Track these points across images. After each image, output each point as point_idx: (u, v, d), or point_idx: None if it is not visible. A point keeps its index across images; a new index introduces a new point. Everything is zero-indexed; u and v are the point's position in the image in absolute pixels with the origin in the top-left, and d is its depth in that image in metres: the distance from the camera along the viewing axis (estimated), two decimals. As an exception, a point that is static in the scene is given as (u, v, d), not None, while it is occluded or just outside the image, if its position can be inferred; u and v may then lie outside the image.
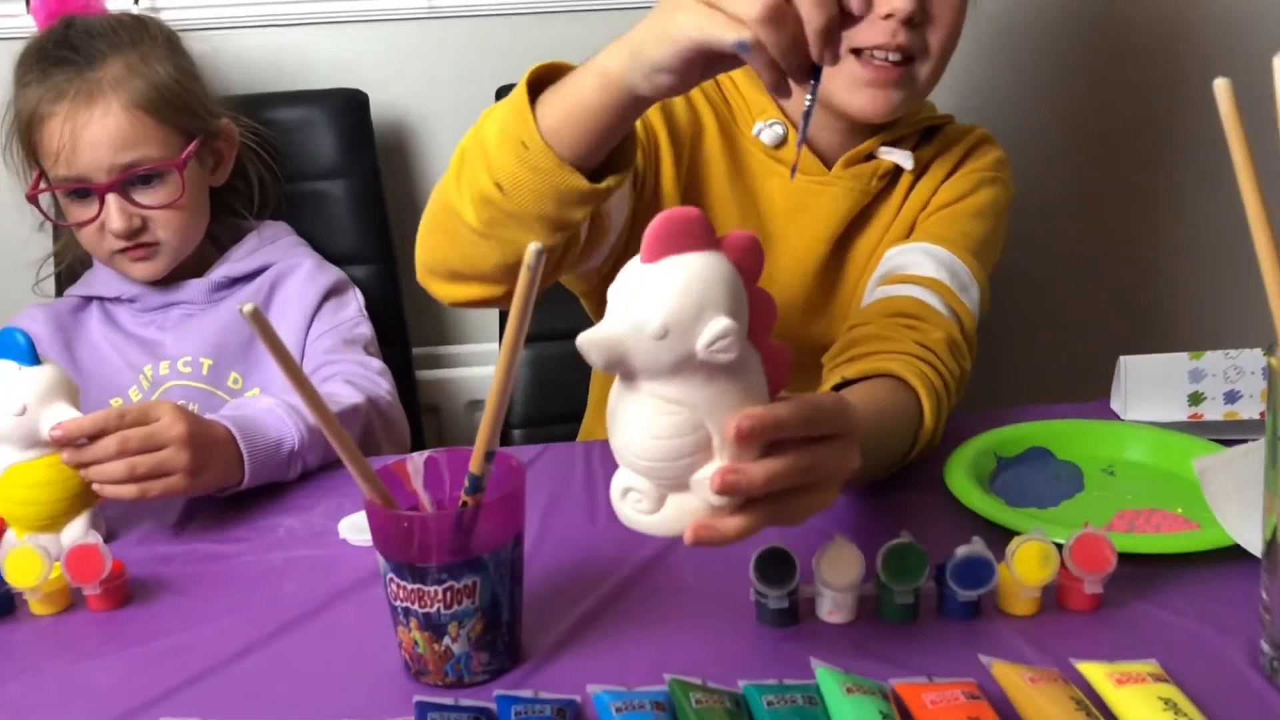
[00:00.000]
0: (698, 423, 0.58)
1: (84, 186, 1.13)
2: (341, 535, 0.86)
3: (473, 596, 0.65)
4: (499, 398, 0.61)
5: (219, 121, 1.22)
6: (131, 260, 1.17)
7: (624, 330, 0.56)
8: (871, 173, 1.05)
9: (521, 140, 0.75)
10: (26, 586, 0.76)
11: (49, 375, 0.83)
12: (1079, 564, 0.71)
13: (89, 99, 1.12)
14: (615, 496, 0.61)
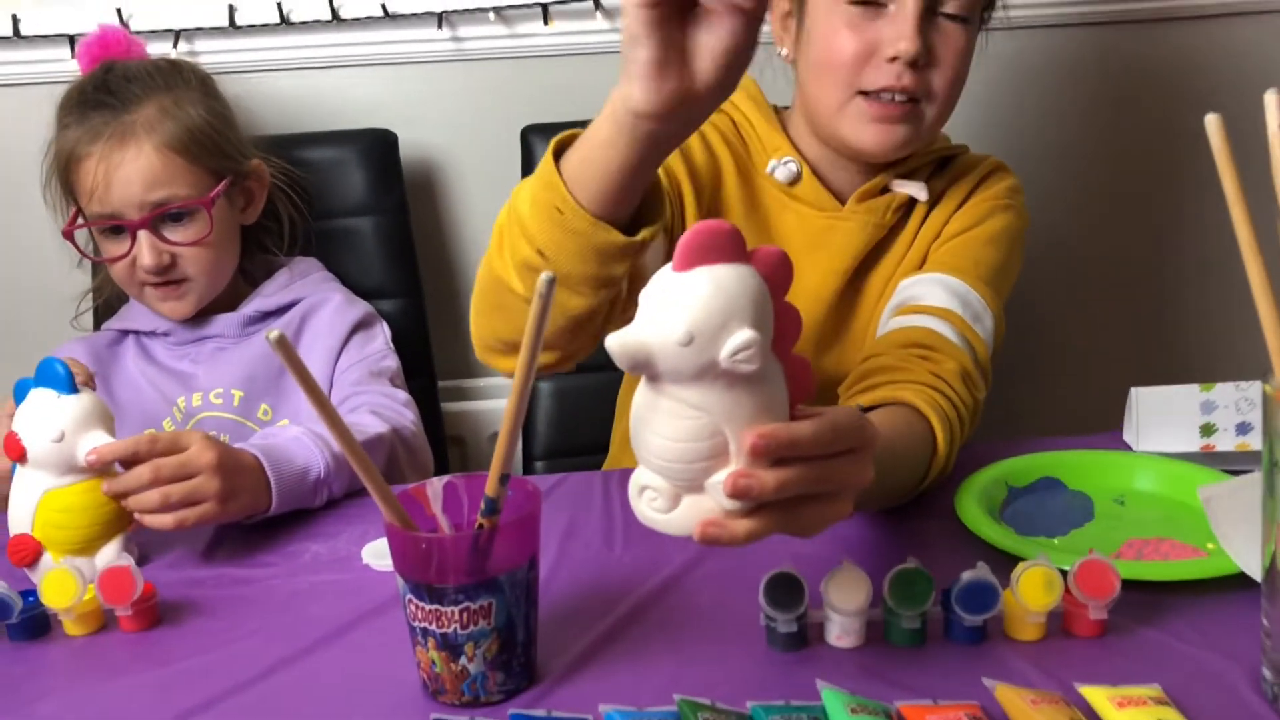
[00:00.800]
0: (716, 429, 0.59)
1: (117, 223, 1.18)
2: (365, 561, 0.89)
3: (488, 617, 0.67)
4: (513, 422, 0.64)
5: (249, 162, 1.26)
6: (161, 298, 1.21)
7: (650, 335, 0.57)
8: (885, 206, 1.08)
9: (555, 206, 0.78)
10: (61, 607, 0.79)
11: (86, 403, 0.86)
12: (1083, 590, 0.72)
13: (122, 140, 1.16)
14: (632, 494, 0.63)
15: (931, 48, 1.00)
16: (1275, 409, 0.62)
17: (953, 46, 1.01)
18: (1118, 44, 1.53)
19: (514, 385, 0.62)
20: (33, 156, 1.42)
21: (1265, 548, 0.65)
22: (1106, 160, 1.57)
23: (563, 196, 0.77)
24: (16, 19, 1.44)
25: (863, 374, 0.96)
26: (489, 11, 1.45)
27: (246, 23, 1.45)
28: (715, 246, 0.58)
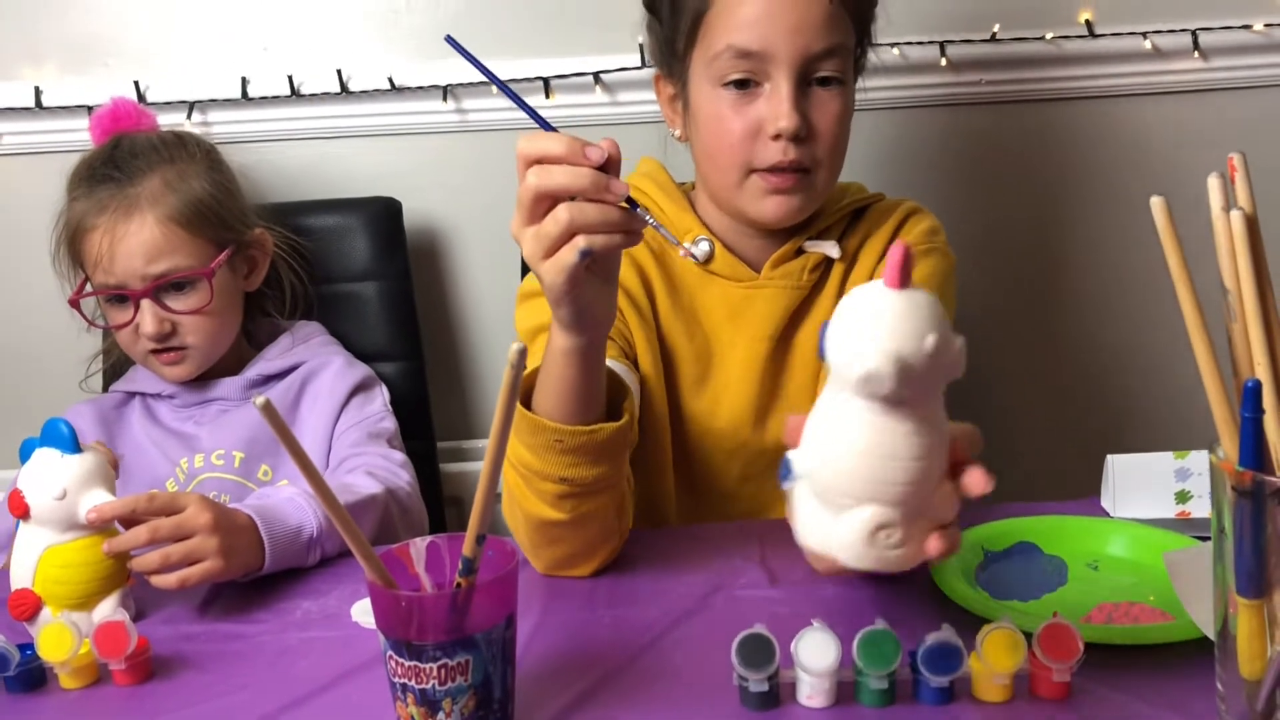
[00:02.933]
0: (944, 444, 0.61)
1: (121, 292, 1.22)
2: (354, 618, 0.91)
3: (466, 674, 0.69)
4: (488, 485, 0.66)
5: (252, 231, 1.30)
6: (163, 363, 1.25)
7: (904, 348, 0.57)
8: (801, 268, 1.11)
9: (553, 442, 0.86)
10: (58, 661, 0.81)
11: (88, 462, 0.89)
12: (1047, 652, 0.73)
13: (127, 213, 1.20)
14: (859, 539, 0.61)
15: (810, 118, 1.04)
16: (1221, 478, 0.64)
17: (830, 112, 1.05)
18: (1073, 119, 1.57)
19: (488, 450, 0.65)
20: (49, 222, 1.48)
21: (1217, 611, 0.67)
22: (1083, 231, 1.61)
23: (555, 430, 0.86)
24: (39, 90, 1.50)
25: None
26: (492, 85, 1.50)
27: (259, 94, 1.50)
28: (912, 265, 0.60)
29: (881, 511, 0.61)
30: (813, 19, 1.03)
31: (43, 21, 1.50)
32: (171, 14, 1.51)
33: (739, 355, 1.12)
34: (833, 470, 0.61)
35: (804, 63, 1.03)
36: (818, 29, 1.03)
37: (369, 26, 1.51)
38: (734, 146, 1.05)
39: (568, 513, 0.90)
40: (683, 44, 1.08)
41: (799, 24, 1.02)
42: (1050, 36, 1.52)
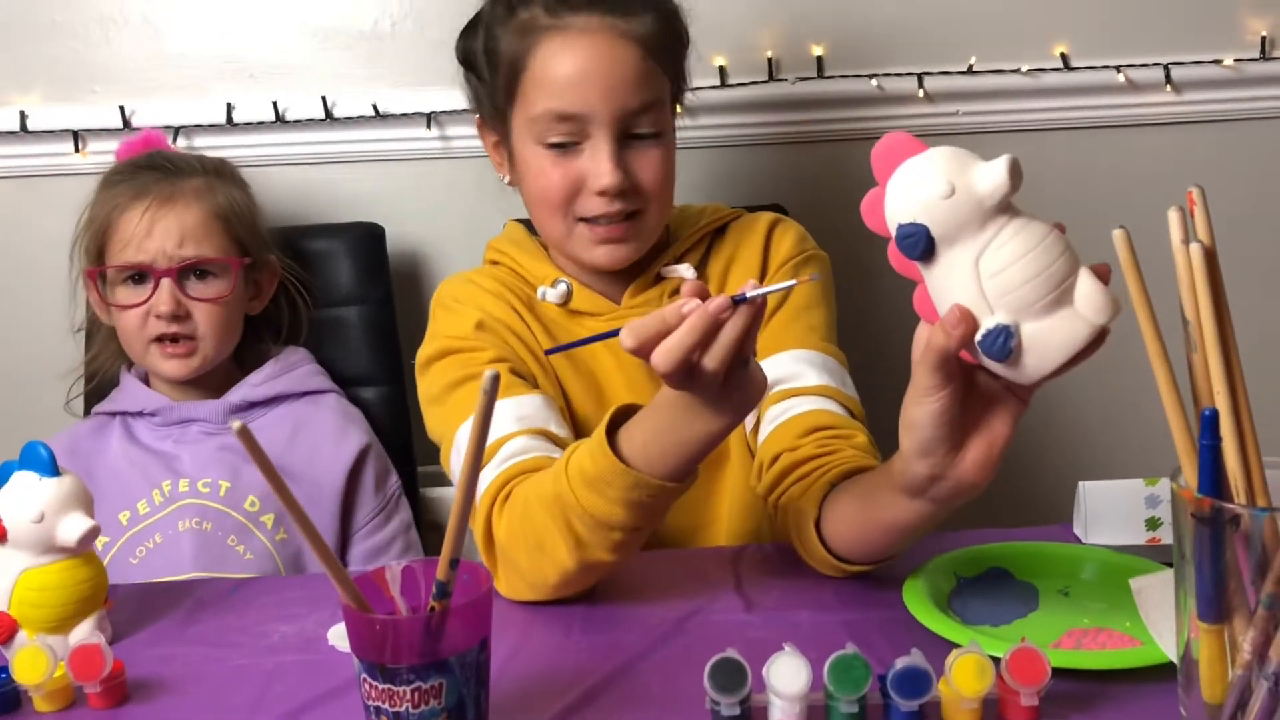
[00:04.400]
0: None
1: (144, 269, 1.25)
2: (330, 642, 0.91)
3: (439, 697, 0.70)
4: (461, 508, 0.67)
5: (268, 255, 1.34)
6: (165, 354, 1.26)
7: (983, 171, 0.71)
8: (660, 294, 1.13)
9: (648, 498, 0.87)
10: (32, 684, 0.81)
11: (66, 486, 0.90)
12: (1015, 677, 0.74)
13: (170, 197, 1.26)
14: (1101, 294, 0.73)
15: (632, 170, 1.07)
16: (1182, 504, 0.65)
17: (651, 163, 1.08)
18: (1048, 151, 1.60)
19: (461, 475, 0.66)
20: (35, 245, 1.49)
21: (1179, 637, 0.68)
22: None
23: (661, 486, 0.86)
24: (24, 115, 1.51)
25: (788, 467, 1.00)
26: (475, 113, 1.52)
27: (243, 120, 1.52)
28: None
29: (1087, 269, 0.73)
30: (627, 77, 1.05)
31: (29, 46, 1.52)
32: (158, 40, 1.52)
33: (623, 380, 1.13)
34: (1046, 278, 0.72)
35: (621, 121, 1.06)
36: (633, 87, 1.06)
37: (354, 54, 1.53)
38: (559, 200, 1.08)
39: (621, 555, 0.92)
40: (501, 99, 1.11)
41: (614, 84, 1.05)
42: (1026, 69, 1.55)
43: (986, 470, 0.80)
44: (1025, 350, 0.73)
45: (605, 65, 1.05)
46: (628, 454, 0.86)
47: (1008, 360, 0.73)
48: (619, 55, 1.05)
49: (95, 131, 1.51)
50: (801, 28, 1.55)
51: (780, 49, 1.55)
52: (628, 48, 1.06)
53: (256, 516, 1.26)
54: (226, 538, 1.25)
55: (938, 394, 0.75)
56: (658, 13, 1.09)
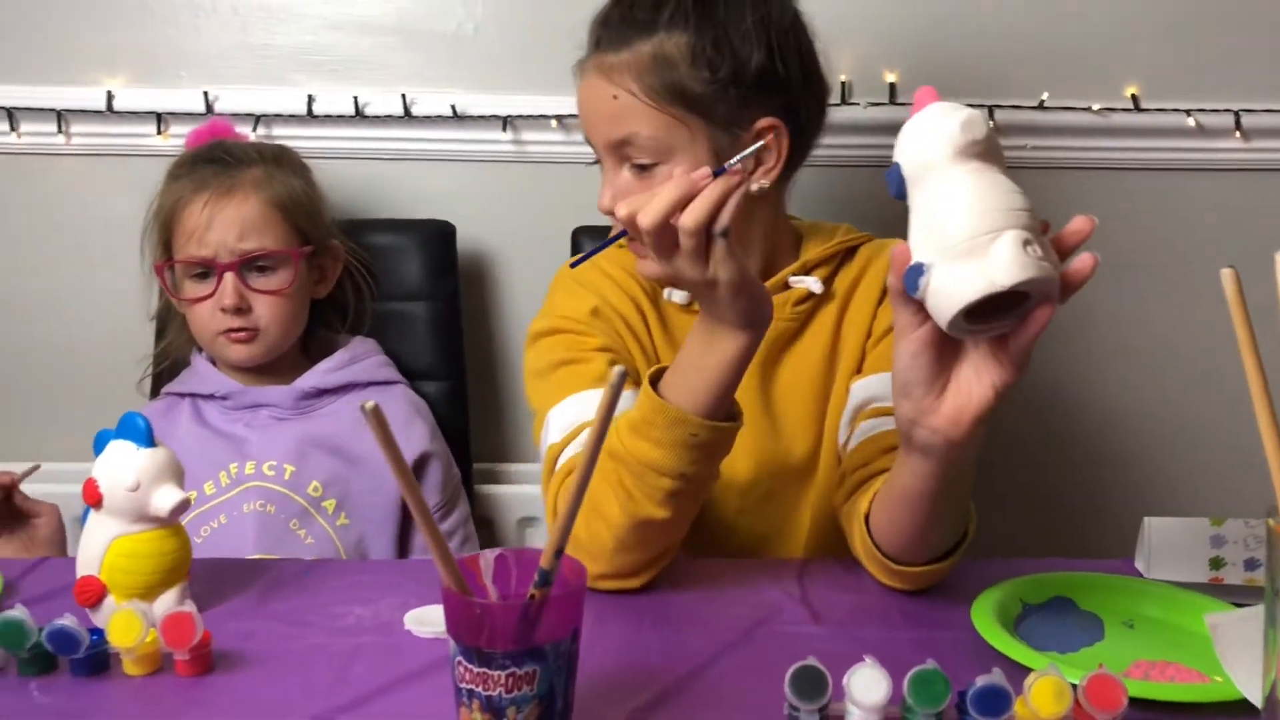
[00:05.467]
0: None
1: (207, 264, 1.27)
2: (407, 626, 0.93)
3: (532, 684, 0.72)
4: (573, 503, 0.69)
5: (331, 241, 1.35)
6: (232, 342, 1.29)
7: (970, 115, 0.79)
8: (785, 301, 1.14)
9: (689, 436, 0.92)
10: (125, 647, 0.83)
11: (162, 457, 0.92)
12: (1092, 702, 0.75)
13: (229, 190, 1.28)
14: (1015, 254, 0.74)
15: (627, 194, 1.06)
16: (1276, 542, 0.66)
17: (649, 190, 1.00)
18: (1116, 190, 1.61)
19: (580, 464, 0.68)
20: (115, 224, 1.52)
21: (1265, 677, 0.69)
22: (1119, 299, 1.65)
23: (697, 422, 0.91)
24: (111, 95, 1.54)
25: (861, 480, 1.03)
26: (551, 119, 1.55)
27: (323, 112, 1.55)
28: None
29: (1021, 231, 0.73)
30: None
31: (120, 29, 1.55)
32: (244, 31, 1.55)
33: None
34: (966, 225, 0.74)
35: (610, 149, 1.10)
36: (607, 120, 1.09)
37: (435, 55, 1.56)
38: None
39: (672, 511, 0.95)
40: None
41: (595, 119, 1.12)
42: (1097, 108, 1.56)
43: (959, 426, 0.83)
44: (932, 293, 0.77)
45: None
46: (666, 394, 0.92)
47: (923, 300, 0.78)
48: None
49: (178, 115, 1.54)
50: (876, 53, 1.57)
51: (854, 73, 1.57)
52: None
53: (318, 501, 1.28)
54: (289, 521, 1.27)
55: (911, 334, 0.81)
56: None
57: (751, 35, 1.07)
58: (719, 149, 1.07)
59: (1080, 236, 0.81)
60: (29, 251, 1.60)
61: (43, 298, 1.61)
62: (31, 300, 1.61)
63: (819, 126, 1.17)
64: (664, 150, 1.07)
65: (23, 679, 0.85)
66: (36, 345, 1.62)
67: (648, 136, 1.07)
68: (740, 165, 0.90)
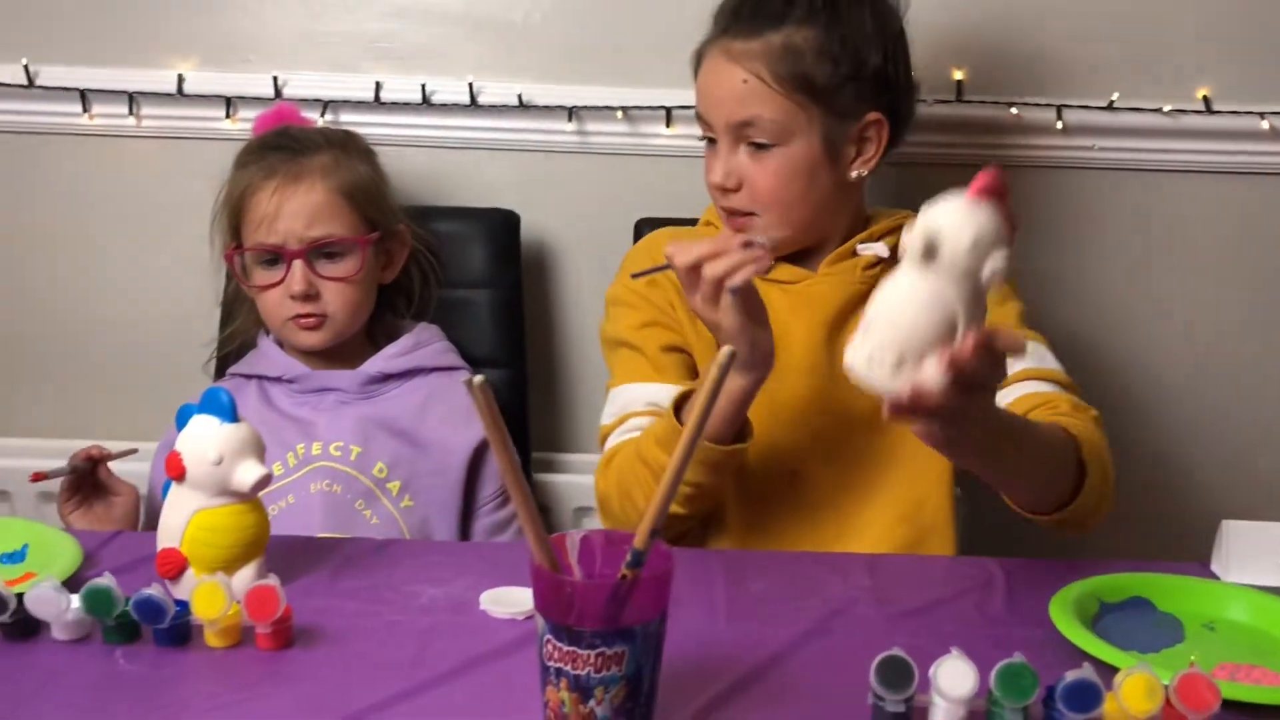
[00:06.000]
0: (954, 324, 0.78)
1: (276, 251, 1.28)
2: (483, 607, 0.93)
3: (620, 664, 0.72)
4: (672, 481, 0.69)
5: (397, 225, 1.36)
6: (300, 328, 1.30)
7: (946, 225, 0.77)
8: (853, 267, 1.23)
9: (702, 458, 1.06)
10: (209, 618, 0.84)
11: (244, 432, 0.93)
12: (1183, 701, 0.75)
13: (297, 177, 1.28)
14: (860, 364, 0.80)
15: (741, 175, 1.19)
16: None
17: (767, 170, 1.18)
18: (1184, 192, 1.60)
19: (679, 448, 0.68)
20: (184, 206, 1.54)
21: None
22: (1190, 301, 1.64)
23: (707, 447, 1.06)
24: (181, 78, 1.55)
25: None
26: (617, 110, 1.55)
27: (391, 100, 1.55)
28: (996, 190, 0.79)
29: (874, 347, 0.79)
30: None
31: (192, 15, 1.56)
32: (314, 18, 1.56)
33: (799, 342, 1.20)
34: (871, 313, 0.81)
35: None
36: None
37: (502, 45, 1.56)
38: (711, 188, 1.25)
39: (687, 509, 1.12)
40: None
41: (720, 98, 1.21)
42: (1168, 109, 1.55)
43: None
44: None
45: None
46: (686, 418, 0.99)
47: None
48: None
49: (247, 99, 1.55)
50: (943, 50, 1.55)
51: (920, 70, 1.55)
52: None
53: (383, 483, 1.29)
54: (354, 501, 1.28)
55: None
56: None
57: (872, 38, 1.18)
58: (830, 136, 1.18)
59: (1005, 349, 0.81)
60: (98, 232, 1.62)
61: (111, 278, 1.63)
62: (100, 280, 1.63)
63: (910, 124, 1.27)
64: (784, 133, 1.18)
65: (108, 646, 0.86)
66: (103, 325, 1.64)
67: (770, 120, 1.17)
68: (766, 243, 1.02)
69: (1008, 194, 0.79)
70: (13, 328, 1.65)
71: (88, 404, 1.66)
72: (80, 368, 1.66)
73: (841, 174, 1.21)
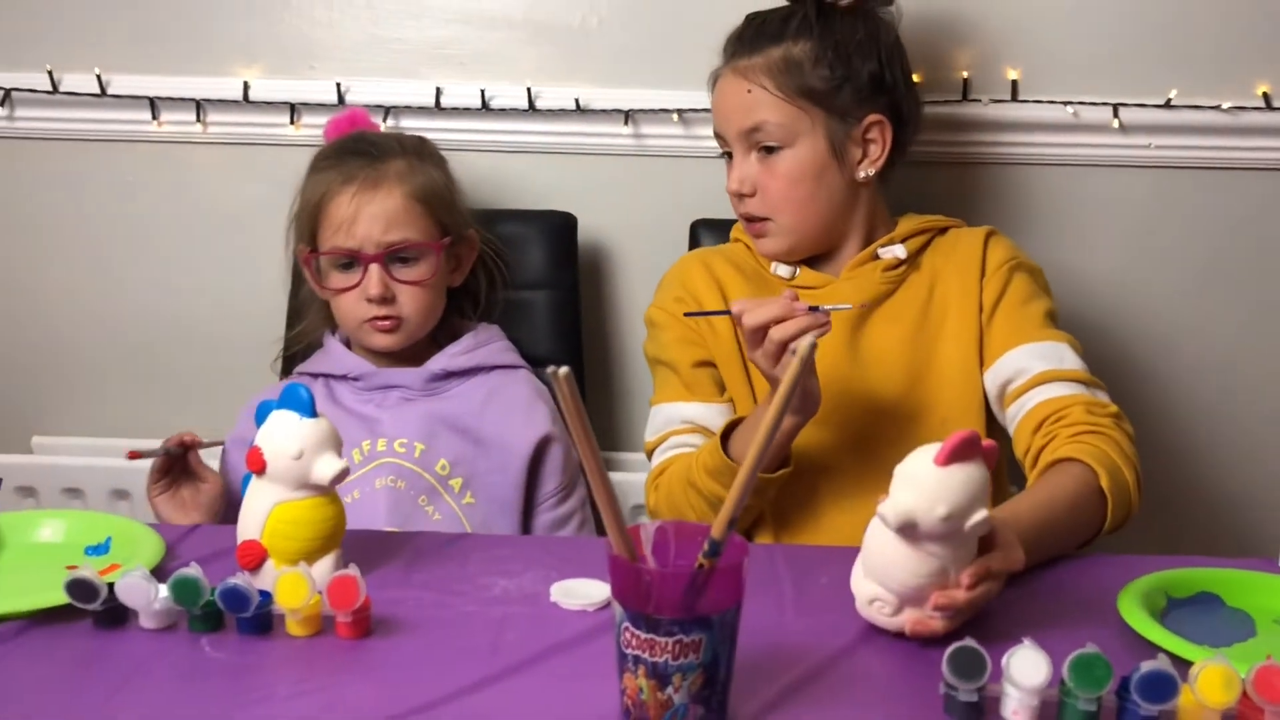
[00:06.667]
0: (945, 569, 0.86)
1: (353, 256, 1.30)
2: (553, 599, 0.95)
3: (697, 652, 0.73)
4: (750, 470, 0.70)
5: (468, 230, 1.38)
6: (375, 330, 1.32)
7: (918, 508, 0.83)
8: (874, 269, 1.30)
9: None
10: (291, 608, 0.86)
11: (323, 427, 0.95)
12: (1261, 694, 0.75)
13: (375, 184, 1.31)
14: (861, 602, 0.90)
15: (757, 182, 1.28)
16: None
17: (778, 174, 1.27)
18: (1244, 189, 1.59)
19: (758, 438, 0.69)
20: (249, 210, 1.57)
21: None
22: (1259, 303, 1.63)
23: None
24: (247, 85, 1.59)
25: (1030, 465, 1.17)
26: (673, 113, 1.57)
27: (451, 105, 1.58)
28: (966, 450, 0.83)
29: (877, 589, 0.88)
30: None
31: (257, 23, 1.60)
32: (376, 24, 1.59)
33: (822, 342, 1.21)
34: (865, 553, 0.90)
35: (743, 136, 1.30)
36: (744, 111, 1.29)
37: (559, 50, 1.58)
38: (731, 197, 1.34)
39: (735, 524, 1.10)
40: None
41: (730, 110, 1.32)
42: (1226, 106, 1.54)
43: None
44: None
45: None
46: (733, 450, 1.15)
47: None
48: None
49: (311, 106, 1.59)
50: (999, 50, 1.56)
51: (976, 70, 1.57)
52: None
53: (446, 480, 1.31)
54: (418, 497, 1.30)
55: None
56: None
57: (864, 46, 1.27)
58: (834, 137, 1.27)
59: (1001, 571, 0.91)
60: (166, 236, 1.66)
61: (178, 280, 1.67)
62: (167, 282, 1.68)
63: (917, 127, 1.35)
64: (790, 135, 1.27)
65: (193, 635, 0.88)
66: (170, 325, 1.69)
67: (776, 124, 1.26)
68: (828, 315, 1.10)
69: (978, 448, 0.84)
70: (82, 328, 1.70)
71: (155, 403, 1.70)
72: (147, 367, 1.70)
73: (849, 174, 1.28)
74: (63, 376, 1.72)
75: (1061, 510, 1.05)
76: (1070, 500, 1.06)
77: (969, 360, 1.26)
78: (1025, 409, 1.19)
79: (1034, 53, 1.56)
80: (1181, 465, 1.65)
